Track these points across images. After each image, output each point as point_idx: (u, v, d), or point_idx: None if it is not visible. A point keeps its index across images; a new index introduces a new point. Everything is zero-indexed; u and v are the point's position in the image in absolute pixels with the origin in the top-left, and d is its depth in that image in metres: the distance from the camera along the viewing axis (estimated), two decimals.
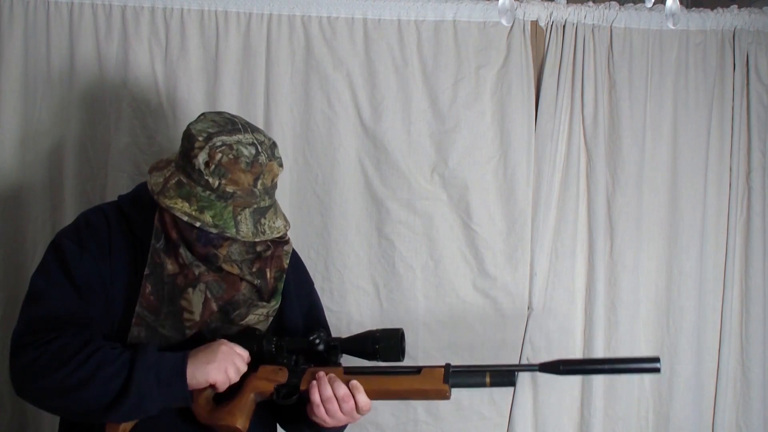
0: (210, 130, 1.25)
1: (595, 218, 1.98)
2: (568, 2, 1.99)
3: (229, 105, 1.91)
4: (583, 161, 1.99)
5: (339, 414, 1.26)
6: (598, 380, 1.98)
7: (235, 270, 1.30)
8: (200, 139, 1.24)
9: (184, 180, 1.25)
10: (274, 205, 1.31)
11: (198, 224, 1.22)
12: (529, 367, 1.33)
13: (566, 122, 1.98)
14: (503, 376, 1.28)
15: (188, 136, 1.27)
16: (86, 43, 1.88)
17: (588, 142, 1.99)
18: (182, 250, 1.28)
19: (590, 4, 1.98)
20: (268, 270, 1.35)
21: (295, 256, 1.48)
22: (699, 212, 1.99)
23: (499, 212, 1.97)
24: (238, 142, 1.24)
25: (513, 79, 1.95)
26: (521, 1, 1.95)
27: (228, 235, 1.23)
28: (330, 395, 1.25)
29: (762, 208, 2.01)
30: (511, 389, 2.00)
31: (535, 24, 1.97)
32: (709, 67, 2.00)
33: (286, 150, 1.94)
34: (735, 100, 2.01)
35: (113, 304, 1.28)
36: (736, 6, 2.00)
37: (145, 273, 1.27)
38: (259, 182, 1.25)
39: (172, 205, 1.23)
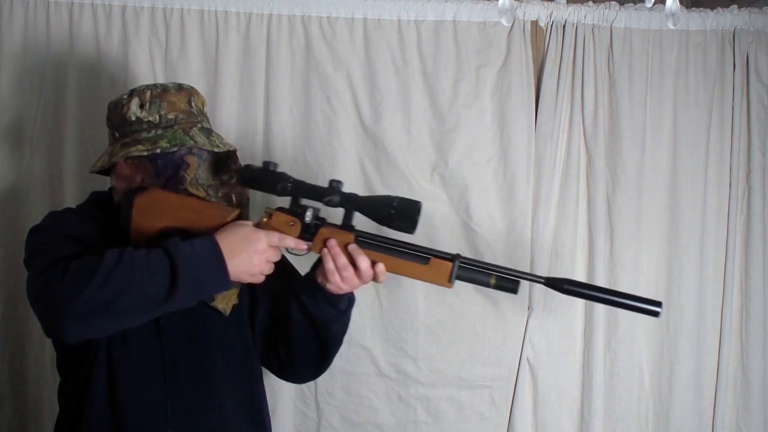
0: (129, 89, 1.34)
1: (595, 218, 1.98)
2: (568, 2, 1.98)
3: (229, 105, 1.92)
4: (583, 161, 1.99)
5: (354, 281, 1.29)
6: (598, 380, 1.98)
7: (202, 193, 1.32)
8: (125, 97, 1.32)
9: (127, 140, 1.31)
10: (215, 131, 1.38)
11: (158, 150, 1.27)
12: (536, 278, 1.34)
13: (566, 122, 1.98)
14: (508, 282, 1.31)
15: (114, 105, 1.34)
16: (86, 43, 1.88)
17: (588, 142, 1.99)
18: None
19: (590, 4, 1.98)
20: (233, 195, 1.37)
21: None
22: (699, 212, 1.99)
23: (499, 212, 1.97)
24: (158, 81, 1.38)
25: (513, 79, 1.95)
26: (521, 1, 1.95)
27: (188, 145, 1.28)
28: (345, 263, 1.27)
29: (762, 208, 2.00)
30: (511, 389, 2.01)
31: (535, 24, 1.97)
32: (709, 67, 1.99)
33: (286, 150, 1.95)
34: (735, 100, 2.00)
35: None
36: (736, 6, 2.00)
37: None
38: (193, 103, 1.34)
39: (126, 153, 1.28)
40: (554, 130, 1.96)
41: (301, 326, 1.38)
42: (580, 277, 2.00)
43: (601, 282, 1.97)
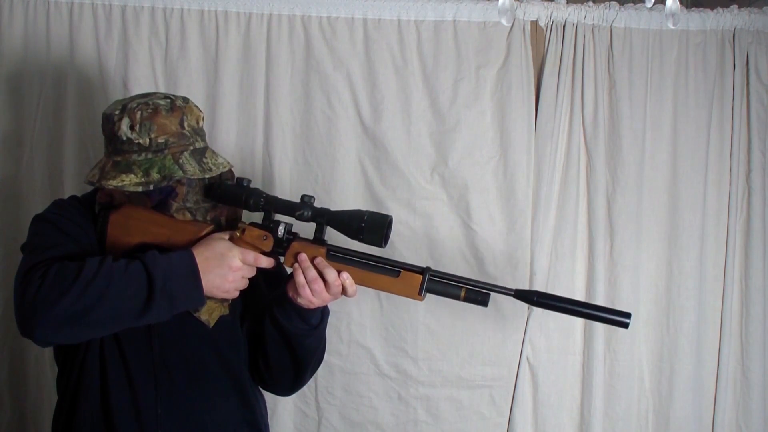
0: (123, 103, 1.30)
1: (595, 218, 1.98)
2: (568, 2, 1.98)
3: (229, 105, 1.91)
4: (583, 161, 1.99)
5: (325, 294, 1.28)
6: (598, 380, 1.98)
7: (188, 217, 1.32)
8: (117, 112, 1.28)
9: (119, 158, 1.28)
10: (209, 147, 1.35)
11: (152, 187, 1.25)
12: (505, 291, 1.32)
13: (566, 122, 1.98)
14: (478, 295, 1.30)
15: (106, 119, 1.30)
16: (86, 43, 1.88)
17: (588, 142, 1.99)
18: None
19: (590, 4, 1.98)
20: (222, 219, 1.36)
21: None
22: (699, 212, 1.99)
23: (499, 212, 1.97)
24: (152, 97, 1.31)
25: (513, 79, 1.95)
26: (521, 1, 1.95)
27: (176, 177, 1.26)
28: (315, 276, 1.27)
29: (762, 208, 2.00)
30: (511, 389, 2.01)
31: (535, 24, 1.97)
32: (709, 67, 1.99)
33: (286, 150, 1.95)
34: (735, 100, 2.00)
35: None
36: (736, 6, 2.00)
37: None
38: (185, 123, 1.30)
39: (119, 184, 1.26)
40: (554, 130, 1.96)
41: (274, 340, 1.38)
42: (580, 277, 2.01)
43: (601, 282, 1.98)
